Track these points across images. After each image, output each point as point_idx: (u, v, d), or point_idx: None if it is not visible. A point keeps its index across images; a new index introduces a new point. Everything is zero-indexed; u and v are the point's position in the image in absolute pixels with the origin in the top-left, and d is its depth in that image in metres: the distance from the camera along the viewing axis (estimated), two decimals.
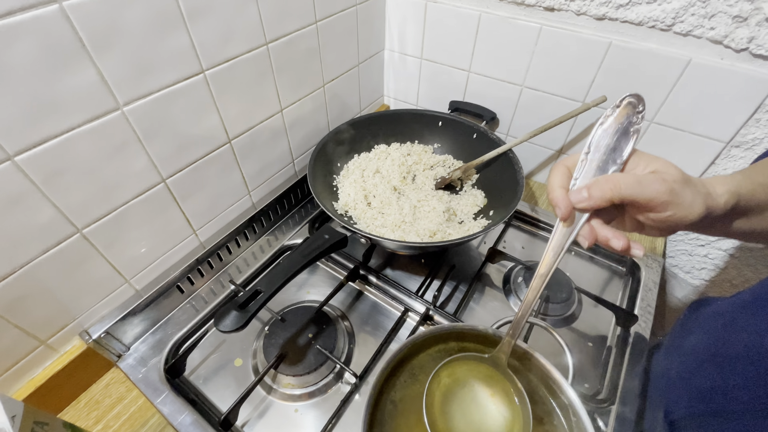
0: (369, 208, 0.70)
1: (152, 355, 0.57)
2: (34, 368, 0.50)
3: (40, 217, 0.42)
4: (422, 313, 0.60)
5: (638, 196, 0.32)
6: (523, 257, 0.71)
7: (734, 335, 0.43)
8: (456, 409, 0.40)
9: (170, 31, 0.46)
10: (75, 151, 0.42)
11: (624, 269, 0.70)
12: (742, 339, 0.41)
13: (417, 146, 0.82)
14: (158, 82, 0.47)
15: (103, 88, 0.42)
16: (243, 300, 0.43)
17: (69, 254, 0.47)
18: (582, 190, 0.34)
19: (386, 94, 0.96)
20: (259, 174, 0.69)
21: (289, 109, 0.68)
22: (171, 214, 0.57)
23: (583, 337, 0.60)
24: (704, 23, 0.55)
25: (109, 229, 0.49)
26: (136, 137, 0.47)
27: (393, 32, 0.83)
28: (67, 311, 0.50)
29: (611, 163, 0.34)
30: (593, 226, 0.35)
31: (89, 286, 0.51)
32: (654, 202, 0.32)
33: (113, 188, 0.48)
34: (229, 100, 0.56)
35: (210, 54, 0.51)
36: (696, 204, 0.32)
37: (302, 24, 0.62)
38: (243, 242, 0.70)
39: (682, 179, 0.33)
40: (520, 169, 0.65)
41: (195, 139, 0.55)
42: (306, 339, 0.57)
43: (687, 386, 0.46)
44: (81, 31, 0.39)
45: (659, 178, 0.32)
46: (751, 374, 0.38)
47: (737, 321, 0.44)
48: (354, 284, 0.67)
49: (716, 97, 0.59)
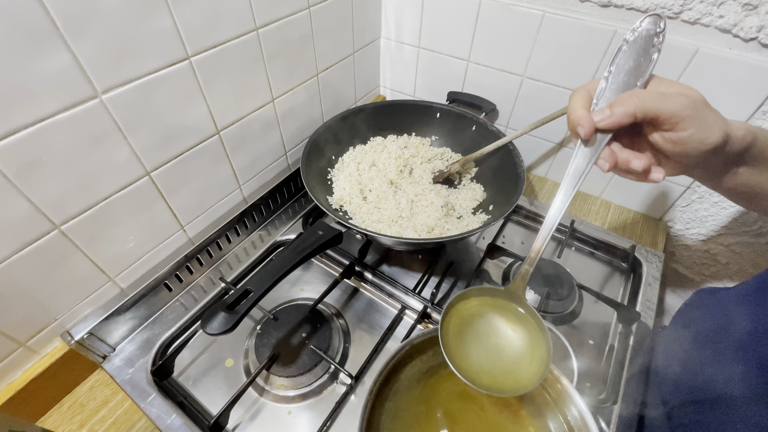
0: (365, 203, 0.68)
1: (139, 355, 0.55)
2: (14, 371, 0.48)
3: (13, 212, 0.40)
4: (420, 311, 0.58)
5: (662, 110, 0.31)
6: (523, 252, 0.69)
7: (737, 323, 0.43)
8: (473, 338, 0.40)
9: (152, 13, 0.43)
10: (50, 142, 0.40)
11: (625, 265, 0.68)
12: (746, 327, 0.41)
13: (414, 138, 0.80)
14: (140, 69, 0.44)
15: (79, 74, 0.39)
16: (231, 300, 0.41)
17: (47, 252, 0.44)
18: (605, 108, 0.33)
19: (382, 84, 0.93)
20: (251, 167, 0.66)
21: (281, 99, 0.65)
22: (157, 209, 0.54)
23: (585, 334, 0.59)
24: (713, 11, 0.53)
25: (89, 225, 0.47)
26: (116, 127, 0.45)
27: (389, 20, 0.80)
28: (47, 311, 0.48)
29: (632, 84, 0.34)
30: (613, 149, 0.34)
31: (70, 285, 0.48)
32: (676, 117, 0.31)
33: (93, 182, 0.45)
34: (217, 89, 0.53)
35: (196, 39, 0.48)
36: (716, 125, 0.32)
37: (294, 9, 0.59)
38: (234, 238, 0.68)
39: (704, 101, 0.32)
40: (521, 162, 0.63)
41: (181, 129, 0.52)
42: (299, 338, 0.55)
43: (688, 374, 0.46)
44: (53, 12, 0.36)
45: (682, 95, 0.32)
46: (754, 362, 0.38)
47: (741, 309, 0.44)
48: (349, 281, 0.65)
49: (723, 88, 0.57)
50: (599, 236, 0.71)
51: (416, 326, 0.57)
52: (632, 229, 0.74)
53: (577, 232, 0.72)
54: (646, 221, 0.76)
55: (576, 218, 0.73)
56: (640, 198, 0.75)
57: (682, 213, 0.73)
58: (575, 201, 0.79)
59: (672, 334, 0.54)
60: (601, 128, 0.34)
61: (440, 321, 0.40)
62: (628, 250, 0.68)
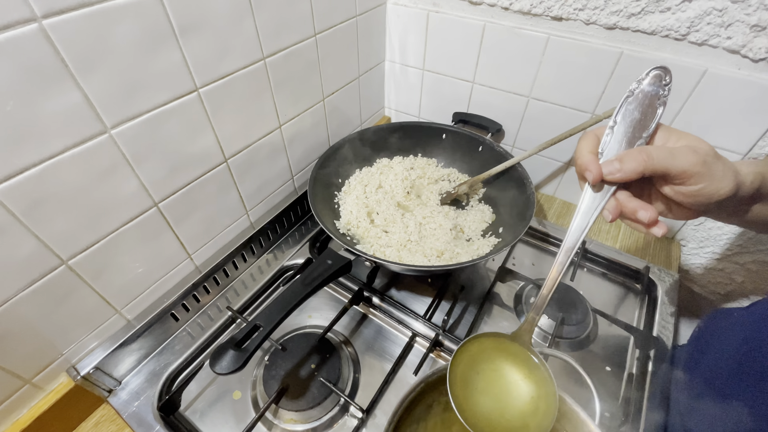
0: (372, 226, 0.67)
1: (145, 388, 0.54)
2: (19, 409, 0.47)
3: (21, 250, 0.39)
4: (431, 339, 0.57)
5: (671, 167, 0.31)
6: (534, 274, 0.68)
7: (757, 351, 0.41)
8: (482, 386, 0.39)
9: (161, 49, 0.43)
10: (58, 178, 0.39)
11: (640, 286, 0.67)
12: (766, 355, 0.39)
13: (420, 159, 0.79)
14: (149, 103, 0.44)
15: (88, 111, 0.39)
16: (240, 337, 0.40)
17: (54, 287, 0.43)
18: (614, 161, 0.33)
19: (387, 106, 0.94)
20: (258, 192, 0.66)
21: (288, 125, 0.65)
22: (164, 239, 0.53)
23: (601, 360, 0.57)
24: (721, 32, 0.53)
25: (97, 258, 0.46)
26: (125, 161, 0.44)
27: (394, 43, 0.81)
28: (53, 347, 0.47)
29: (637, 136, 0.34)
30: (619, 199, 0.34)
31: (77, 319, 0.48)
32: (686, 174, 0.31)
33: (101, 215, 0.45)
34: (225, 118, 0.54)
35: (204, 71, 0.48)
36: (727, 178, 0.32)
37: (301, 37, 0.60)
38: (241, 264, 0.67)
39: (713, 153, 0.32)
40: (530, 184, 0.63)
41: (189, 159, 0.52)
42: (308, 370, 0.54)
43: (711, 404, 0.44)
44: (63, 52, 0.36)
45: (692, 150, 0.32)
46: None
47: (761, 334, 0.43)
48: (358, 307, 0.64)
49: (733, 108, 0.56)
50: (612, 256, 0.70)
51: (428, 355, 0.56)
52: (645, 248, 0.73)
53: (589, 252, 0.71)
54: (659, 240, 0.75)
55: (587, 239, 0.72)
56: None
57: (695, 231, 0.72)
58: None
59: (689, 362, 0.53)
60: (608, 181, 0.34)
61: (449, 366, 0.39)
62: (642, 270, 0.67)
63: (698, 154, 0.31)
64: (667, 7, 0.54)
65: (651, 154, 0.32)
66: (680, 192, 0.33)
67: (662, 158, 0.32)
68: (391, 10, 0.77)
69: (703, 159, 0.31)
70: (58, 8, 0.34)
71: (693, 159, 0.31)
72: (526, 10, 0.64)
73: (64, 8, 0.35)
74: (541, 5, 0.63)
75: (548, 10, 0.62)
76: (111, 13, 0.38)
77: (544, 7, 0.62)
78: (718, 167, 0.32)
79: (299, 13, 0.58)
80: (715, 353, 0.48)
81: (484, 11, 0.68)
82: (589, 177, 0.34)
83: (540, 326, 0.60)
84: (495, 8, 0.67)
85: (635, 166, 0.32)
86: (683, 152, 0.32)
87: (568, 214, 0.79)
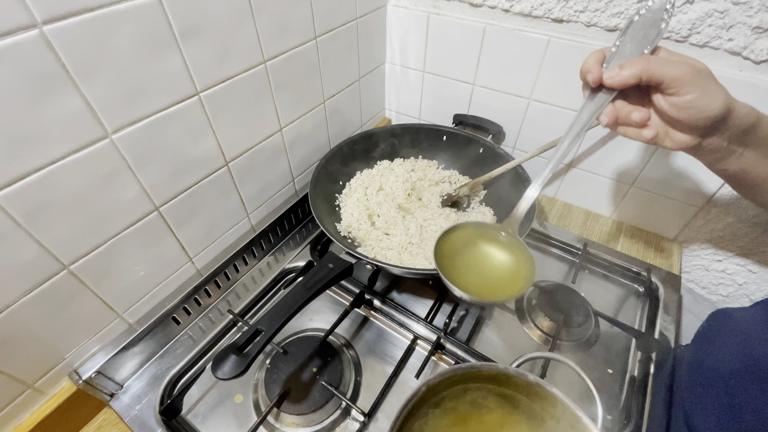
0: (373, 228, 0.67)
1: (147, 392, 0.54)
2: (21, 413, 0.47)
3: (22, 255, 0.39)
4: (433, 342, 0.57)
5: (666, 73, 0.34)
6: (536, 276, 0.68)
7: (759, 350, 0.41)
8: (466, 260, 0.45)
9: (162, 53, 0.43)
10: (59, 184, 0.39)
11: (642, 288, 0.67)
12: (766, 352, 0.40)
13: (421, 161, 0.79)
14: (150, 107, 0.44)
15: (89, 116, 0.39)
16: (242, 342, 0.40)
17: (56, 292, 0.43)
18: (614, 68, 0.36)
19: (388, 108, 0.94)
20: (259, 195, 0.66)
21: (289, 128, 0.65)
22: (166, 243, 0.53)
23: (603, 363, 0.57)
24: (722, 34, 0.53)
25: (98, 263, 0.46)
26: (126, 165, 0.44)
27: (394, 45, 0.81)
28: (55, 351, 0.47)
29: (640, 51, 0.37)
30: (616, 106, 0.38)
31: (78, 324, 0.48)
32: (679, 82, 0.33)
33: (102, 220, 0.45)
34: (226, 122, 0.54)
35: (205, 75, 0.48)
36: (718, 94, 0.34)
37: (301, 40, 0.60)
38: (242, 267, 0.67)
39: (708, 71, 0.35)
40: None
41: (190, 163, 0.52)
42: (310, 373, 0.54)
43: (714, 404, 0.44)
44: (64, 57, 0.36)
45: (686, 61, 0.35)
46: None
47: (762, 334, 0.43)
48: (359, 310, 0.64)
49: None
50: (613, 258, 0.69)
51: (430, 358, 0.56)
52: (646, 249, 0.73)
53: (590, 254, 0.71)
54: (660, 241, 0.75)
55: (589, 240, 0.72)
56: (653, 218, 0.74)
57: (696, 233, 0.72)
58: (587, 222, 0.78)
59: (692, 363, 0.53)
60: (608, 85, 0.37)
61: (435, 244, 0.45)
62: (644, 272, 0.66)
63: (692, 66, 0.34)
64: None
65: (649, 60, 0.35)
66: (673, 104, 0.34)
67: (658, 64, 0.34)
68: (392, 12, 0.77)
69: (696, 71, 0.34)
70: (59, 14, 0.34)
71: (686, 69, 0.33)
72: (526, 12, 0.64)
73: (65, 14, 0.35)
74: (541, 7, 0.62)
75: (549, 12, 0.62)
76: (112, 18, 0.38)
77: (544, 9, 0.62)
78: (710, 82, 0.34)
79: (300, 16, 0.58)
80: (718, 353, 0.48)
81: (484, 13, 0.68)
82: (590, 78, 0.37)
83: (541, 329, 0.60)
84: (495, 10, 0.67)
85: (634, 70, 0.35)
86: (679, 63, 0.34)
87: (569, 216, 0.79)
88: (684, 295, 0.82)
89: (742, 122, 0.35)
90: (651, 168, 0.67)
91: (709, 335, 0.53)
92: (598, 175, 0.74)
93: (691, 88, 0.33)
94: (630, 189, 0.72)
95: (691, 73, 0.33)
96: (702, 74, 0.34)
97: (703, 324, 0.55)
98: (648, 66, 0.34)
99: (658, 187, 0.69)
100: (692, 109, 0.34)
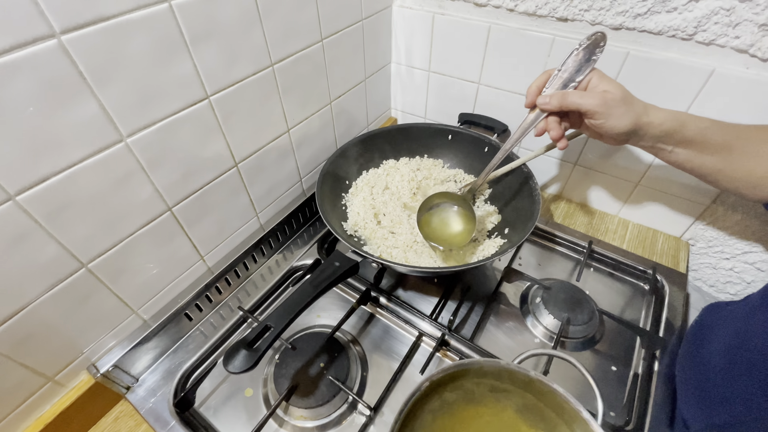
0: (379, 227, 0.68)
1: (161, 385, 0.56)
2: (42, 405, 0.49)
3: (44, 254, 0.41)
4: (438, 338, 0.58)
5: (580, 105, 0.46)
6: (540, 275, 0.69)
7: (748, 341, 0.43)
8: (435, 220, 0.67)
9: (173, 59, 0.44)
10: (78, 186, 0.41)
11: (647, 287, 0.67)
12: (757, 345, 0.41)
13: (426, 160, 0.80)
14: (162, 111, 0.46)
15: (105, 120, 0.41)
16: (252, 337, 0.41)
17: (75, 290, 0.45)
18: (547, 96, 0.49)
19: (393, 107, 0.94)
20: (267, 195, 0.67)
21: (296, 129, 0.67)
22: (178, 242, 0.55)
23: (607, 360, 0.58)
24: (728, 32, 0.52)
25: (115, 261, 0.48)
26: (140, 167, 0.46)
27: (400, 45, 0.82)
28: (74, 346, 0.49)
29: (573, 80, 0.48)
30: (548, 122, 0.49)
31: (96, 320, 0.50)
32: (590, 111, 0.45)
33: (118, 220, 0.47)
34: (235, 124, 0.55)
35: (215, 79, 0.50)
36: (624, 118, 0.44)
37: (308, 43, 0.61)
38: (251, 265, 0.69)
39: (620, 98, 0.45)
40: (536, 185, 0.63)
41: (201, 165, 0.53)
42: (317, 368, 0.55)
43: (706, 396, 0.45)
44: (81, 65, 0.37)
45: (598, 95, 0.45)
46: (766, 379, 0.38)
47: (750, 326, 0.44)
48: (365, 307, 0.65)
49: (741, 108, 0.56)
50: (619, 257, 0.70)
51: (435, 354, 0.57)
52: (652, 248, 0.73)
53: (595, 253, 0.71)
54: (667, 240, 0.74)
55: (594, 238, 0.72)
56: (659, 216, 0.74)
57: (703, 231, 0.71)
58: (593, 220, 0.78)
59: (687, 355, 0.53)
60: (540, 108, 0.50)
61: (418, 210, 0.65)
62: (650, 270, 0.66)
63: (602, 98, 0.44)
64: (673, 7, 0.54)
65: (566, 96, 0.47)
66: (591, 124, 0.47)
67: (574, 99, 0.46)
68: (397, 12, 0.77)
69: (605, 102, 0.44)
70: (76, 24, 0.36)
71: (596, 101, 0.44)
72: (531, 11, 0.64)
73: (82, 24, 0.36)
74: (546, 6, 0.63)
75: (554, 11, 0.62)
76: (126, 26, 0.39)
77: (549, 8, 0.63)
78: (618, 110, 0.44)
79: (306, 19, 0.59)
80: (711, 345, 0.49)
81: (489, 13, 0.69)
82: (525, 102, 0.51)
83: (545, 326, 0.61)
84: (500, 10, 0.67)
85: (556, 103, 0.47)
86: (591, 96, 0.45)
87: (574, 215, 0.80)
88: (691, 293, 0.81)
89: (657, 130, 0.45)
90: (657, 166, 0.67)
91: (702, 329, 0.53)
92: (603, 173, 0.74)
93: (600, 116, 0.45)
94: (636, 187, 0.72)
95: (600, 105, 0.44)
96: (610, 104, 0.44)
97: (697, 318, 0.56)
98: (566, 100, 0.47)
99: (664, 185, 0.69)
100: (603, 129, 0.46)
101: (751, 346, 0.41)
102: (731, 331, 0.46)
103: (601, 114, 0.44)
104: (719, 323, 0.50)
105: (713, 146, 0.46)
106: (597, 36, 0.47)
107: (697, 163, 0.47)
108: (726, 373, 0.43)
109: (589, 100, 0.45)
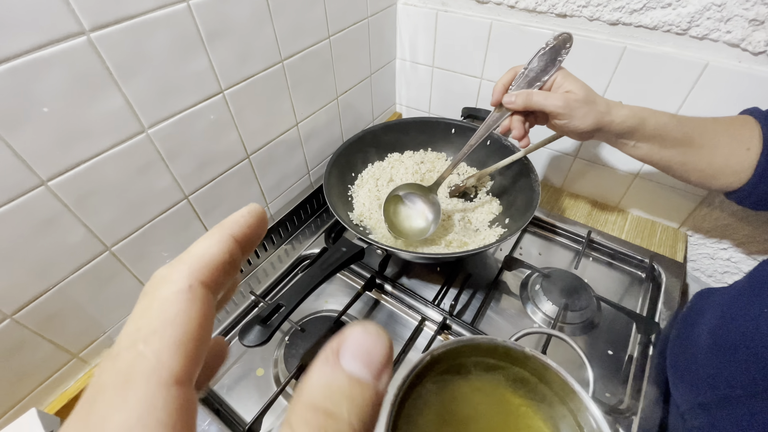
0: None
1: None
2: (67, 381, 0.52)
3: (72, 237, 0.44)
4: (440, 323, 0.60)
5: (544, 107, 0.48)
6: (540, 264, 0.71)
7: (732, 323, 0.45)
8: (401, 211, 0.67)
9: (191, 55, 0.47)
10: (103, 173, 0.44)
11: (644, 275, 0.69)
12: (740, 326, 0.43)
13: (430, 154, 0.83)
14: (180, 104, 0.49)
15: (129, 112, 0.44)
16: (265, 314, 0.44)
17: (99, 271, 0.49)
18: (512, 95, 0.50)
19: (398, 102, 0.97)
20: (277, 186, 0.70)
21: (305, 122, 0.69)
22: (193, 229, 0.58)
23: (604, 344, 0.60)
24: (720, 26, 0.54)
25: (136, 245, 0.51)
26: (160, 157, 0.49)
27: (404, 42, 0.84)
28: (97, 325, 0.52)
29: (539, 80, 0.50)
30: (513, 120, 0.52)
31: (118, 301, 0.53)
32: (553, 112, 0.47)
33: (139, 207, 0.50)
34: (248, 117, 0.58)
35: (228, 74, 0.52)
36: (587, 119, 0.47)
37: (316, 39, 0.64)
38: (262, 253, 0.72)
39: (583, 99, 0.47)
40: (536, 176, 0.65)
41: (215, 156, 0.56)
42: None
43: (693, 377, 0.47)
44: (108, 60, 0.40)
45: (561, 96, 0.47)
46: (750, 359, 0.40)
47: (734, 309, 0.46)
48: (370, 293, 0.68)
49: (734, 101, 0.57)
50: (617, 246, 0.72)
51: (436, 337, 0.59)
52: (650, 238, 0.75)
53: (594, 242, 0.73)
54: (665, 230, 0.76)
55: (593, 228, 0.74)
56: (658, 207, 0.76)
57: (701, 222, 0.73)
58: (592, 210, 0.80)
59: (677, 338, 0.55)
60: (505, 107, 0.51)
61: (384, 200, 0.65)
62: (648, 260, 0.68)
63: (565, 99, 0.46)
64: (668, 2, 0.56)
65: (532, 95, 0.49)
66: (555, 123, 0.49)
67: (538, 99, 0.48)
68: (402, 10, 0.80)
69: (567, 103, 0.46)
70: (104, 22, 0.39)
71: (560, 103, 0.46)
72: (531, 7, 0.66)
73: (109, 21, 0.39)
74: (545, 3, 0.65)
75: (553, 7, 0.65)
76: (148, 24, 0.42)
77: (548, 4, 0.65)
78: (581, 110, 0.46)
79: (314, 17, 0.62)
80: (698, 328, 0.51)
81: (490, 9, 0.71)
82: (491, 101, 0.53)
83: (545, 312, 0.63)
84: (501, 6, 0.69)
85: (521, 102, 0.49)
86: (554, 97, 0.47)
87: (575, 206, 0.82)
88: (690, 283, 0.83)
89: (618, 128, 0.47)
90: None
91: (692, 313, 0.55)
92: (603, 165, 0.76)
93: (563, 116, 0.47)
94: (635, 179, 0.74)
95: (564, 107, 0.46)
96: (573, 105, 0.46)
97: (687, 304, 0.58)
98: (530, 101, 0.49)
99: (662, 176, 0.71)
100: (567, 128, 0.49)
101: (732, 328, 0.43)
102: (717, 315, 0.48)
103: (564, 115, 0.47)
104: (708, 307, 0.51)
105: (673, 140, 0.48)
106: (564, 36, 0.49)
107: (659, 156, 0.49)
108: (711, 354, 0.45)
109: (552, 101, 0.47)
